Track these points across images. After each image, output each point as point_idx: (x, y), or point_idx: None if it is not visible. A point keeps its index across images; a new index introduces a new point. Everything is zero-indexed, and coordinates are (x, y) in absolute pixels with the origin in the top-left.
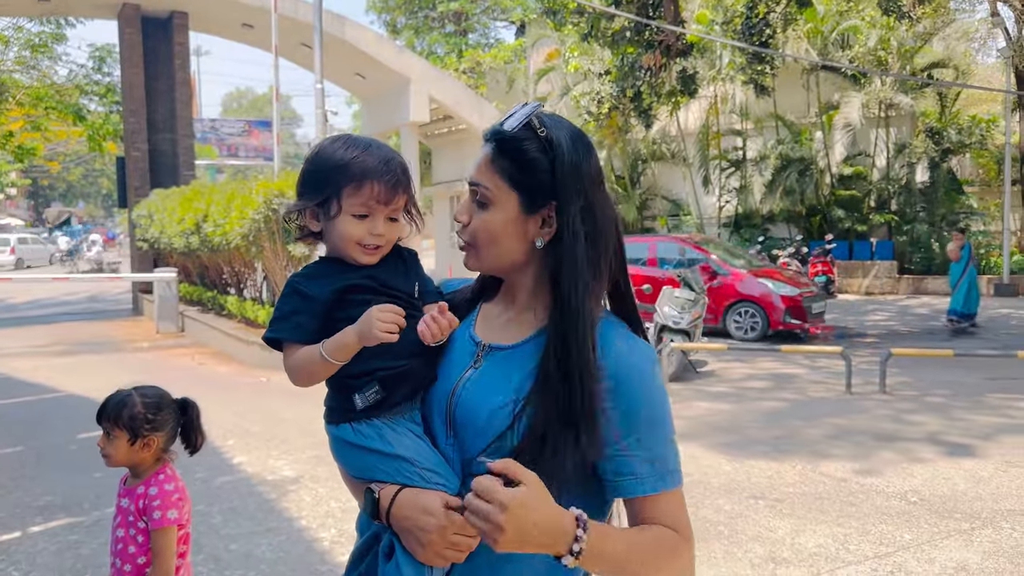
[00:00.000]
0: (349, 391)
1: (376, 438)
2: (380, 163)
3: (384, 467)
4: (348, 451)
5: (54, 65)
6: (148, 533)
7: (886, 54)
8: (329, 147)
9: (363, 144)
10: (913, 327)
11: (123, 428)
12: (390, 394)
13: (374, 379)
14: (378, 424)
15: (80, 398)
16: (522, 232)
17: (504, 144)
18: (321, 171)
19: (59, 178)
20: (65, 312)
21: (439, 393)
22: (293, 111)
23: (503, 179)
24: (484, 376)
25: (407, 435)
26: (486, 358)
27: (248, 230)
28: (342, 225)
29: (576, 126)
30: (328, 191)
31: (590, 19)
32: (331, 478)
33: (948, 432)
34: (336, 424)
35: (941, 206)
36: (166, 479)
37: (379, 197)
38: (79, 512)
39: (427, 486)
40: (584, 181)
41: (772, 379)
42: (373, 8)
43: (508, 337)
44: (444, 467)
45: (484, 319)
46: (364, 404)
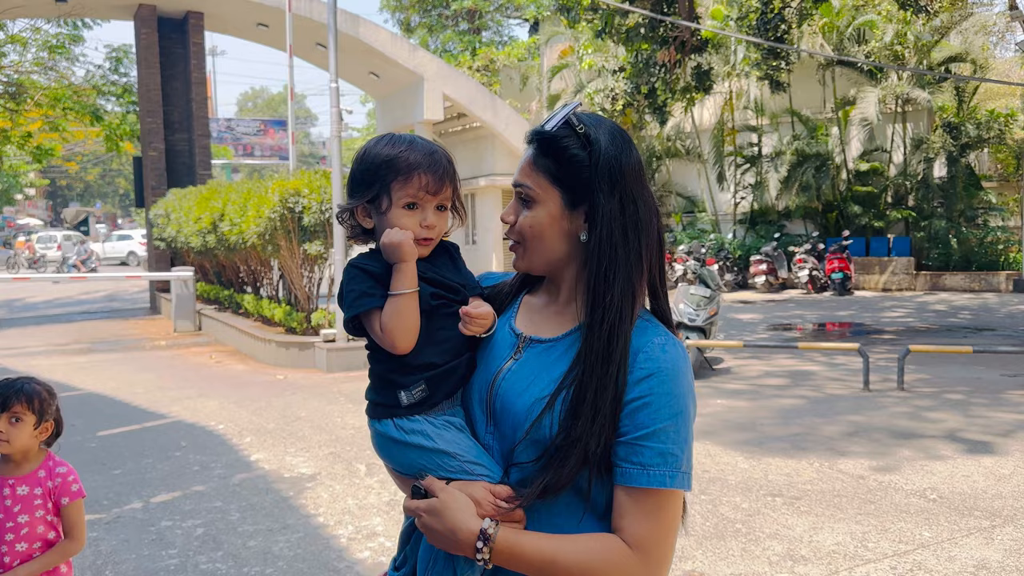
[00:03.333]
0: (395, 388)
1: (418, 434)
2: (425, 155)
3: (427, 462)
4: (391, 447)
5: (71, 66)
6: (57, 511)
7: (903, 49)
8: (375, 146)
9: (407, 140)
10: (931, 323)
11: (34, 412)
12: (434, 392)
13: (421, 378)
14: (420, 420)
15: (99, 396)
16: (566, 227)
17: (544, 143)
18: (369, 169)
19: (77, 178)
20: (83, 311)
21: (480, 383)
22: (308, 110)
23: (545, 177)
24: (524, 368)
25: (448, 429)
26: (526, 350)
27: (264, 229)
28: (394, 218)
29: (615, 123)
30: (377, 187)
31: (604, 16)
32: (348, 475)
33: (967, 429)
34: (379, 420)
35: (959, 202)
36: (60, 459)
37: (428, 187)
38: (99, 509)
39: (471, 478)
40: (624, 175)
41: (789, 376)
42: (387, 7)
43: (549, 330)
44: (486, 457)
45: (526, 311)
46: (409, 401)
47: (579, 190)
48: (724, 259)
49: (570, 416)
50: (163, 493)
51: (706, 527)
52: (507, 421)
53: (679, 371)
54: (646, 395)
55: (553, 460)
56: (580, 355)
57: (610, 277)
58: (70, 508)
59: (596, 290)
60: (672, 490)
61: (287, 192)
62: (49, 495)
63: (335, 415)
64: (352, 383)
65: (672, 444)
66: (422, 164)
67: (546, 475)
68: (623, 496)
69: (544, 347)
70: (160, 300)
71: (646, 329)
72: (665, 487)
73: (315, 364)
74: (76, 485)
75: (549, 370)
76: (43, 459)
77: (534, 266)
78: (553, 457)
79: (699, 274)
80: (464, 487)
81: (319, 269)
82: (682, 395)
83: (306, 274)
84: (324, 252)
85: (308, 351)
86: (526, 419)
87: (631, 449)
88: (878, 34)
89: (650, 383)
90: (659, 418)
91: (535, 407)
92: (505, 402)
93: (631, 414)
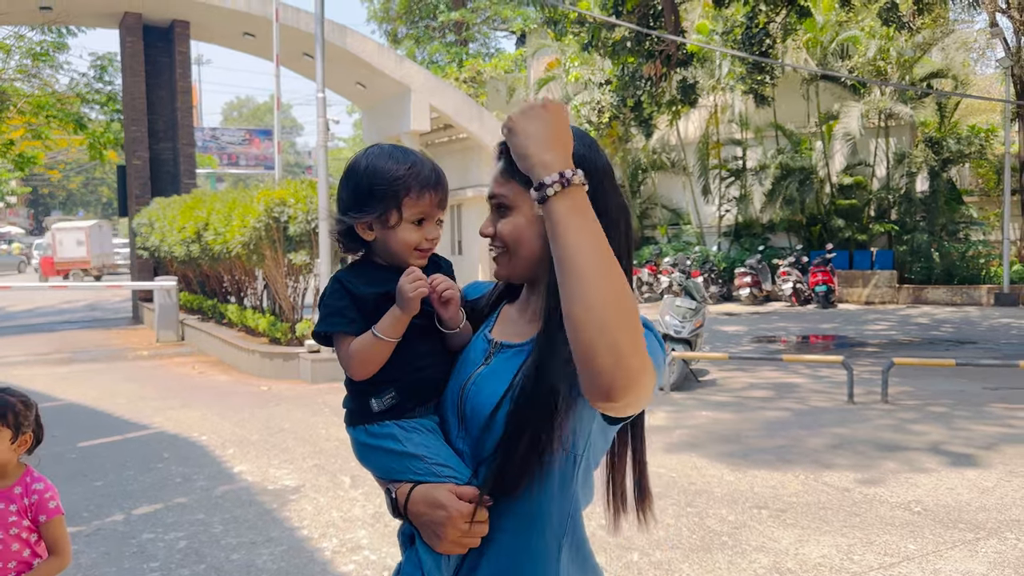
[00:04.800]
0: (367, 396)
1: (388, 438)
2: (432, 172)
3: (398, 465)
4: (365, 451)
5: (55, 74)
6: (35, 529)
7: (885, 64)
8: (377, 161)
9: (409, 157)
10: (914, 336)
11: (9, 426)
12: (405, 400)
13: (391, 386)
14: (390, 425)
15: (80, 407)
16: (541, 229)
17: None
18: (380, 185)
19: (59, 186)
20: (64, 320)
21: (452, 390)
22: (294, 120)
23: (517, 183)
24: (493, 372)
25: (418, 432)
26: (496, 355)
27: (249, 238)
28: (403, 233)
29: (580, 129)
30: (389, 203)
31: (591, 29)
32: (332, 487)
33: (951, 442)
34: (354, 426)
35: (941, 216)
36: (38, 475)
37: (437, 204)
38: (79, 521)
39: (439, 480)
40: (591, 175)
41: (773, 388)
42: (374, 18)
43: (519, 335)
44: (454, 460)
45: (502, 321)
46: (379, 408)
47: None
48: (709, 271)
49: (517, 403)
50: (145, 505)
51: (692, 540)
52: (475, 424)
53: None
54: None
55: (506, 448)
56: (535, 344)
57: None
58: (49, 526)
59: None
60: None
61: (272, 201)
62: (25, 512)
63: (319, 426)
64: (337, 394)
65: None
66: (430, 181)
67: (499, 463)
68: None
69: (514, 351)
70: (143, 309)
71: None
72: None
73: (299, 375)
74: (54, 502)
75: (513, 373)
76: (21, 474)
77: (516, 271)
78: (506, 444)
79: (685, 286)
80: (430, 489)
81: (304, 279)
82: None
83: (291, 284)
84: (309, 262)
85: (292, 362)
86: (490, 420)
87: None
88: (861, 50)
89: None
90: None
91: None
92: (474, 406)
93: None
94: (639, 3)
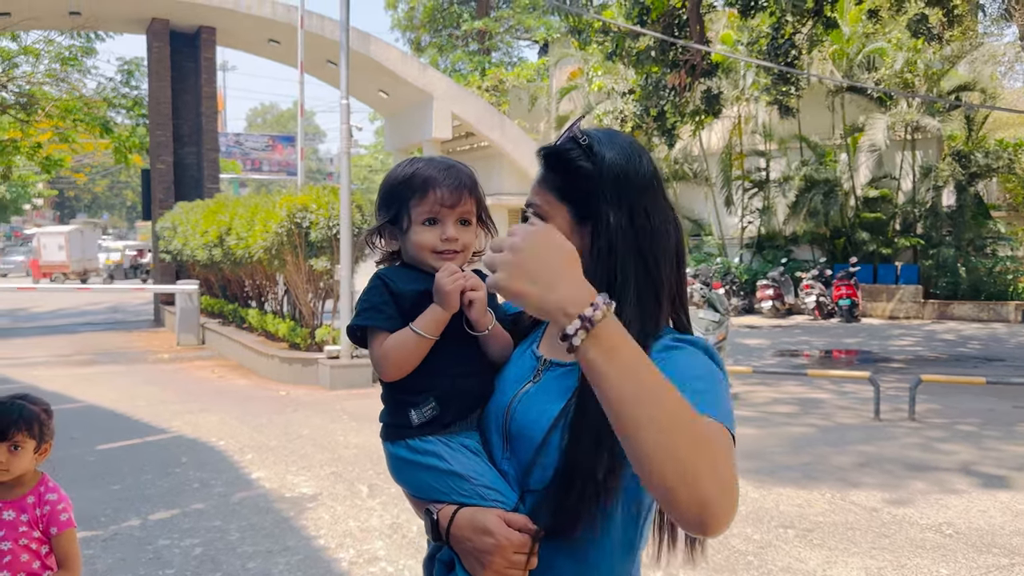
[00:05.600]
0: (405, 407)
1: (432, 455)
2: (441, 170)
3: (440, 485)
4: (405, 469)
5: (83, 78)
6: (46, 540)
7: (912, 76)
8: (395, 168)
9: (426, 159)
10: (940, 353)
11: (34, 437)
12: (445, 411)
13: (431, 396)
14: (433, 441)
15: (100, 409)
16: (576, 243)
17: (550, 159)
18: (389, 190)
19: (85, 189)
20: (87, 322)
21: (497, 407)
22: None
23: (552, 193)
24: (541, 391)
25: (463, 452)
26: (545, 373)
27: (271, 244)
28: (415, 235)
29: (630, 136)
30: (397, 206)
31: (615, 38)
32: (350, 496)
33: (981, 462)
34: (392, 441)
35: (968, 230)
36: (53, 484)
37: (443, 200)
38: (96, 526)
39: (485, 503)
40: (632, 186)
41: (798, 403)
42: (398, 26)
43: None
44: (501, 483)
45: (549, 336)
46: (420, 420)
47: (587, 203)
48: (730, 283)
49: (571, 440)
50: (162, 510)
51: (717, 559)
52: (522, 446)
53: (698, 350)
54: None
55: (559, 487)
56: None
57: (620, 292)
58: (60, 539)
59: None
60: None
61: (295, 207)
62: (36, 523)
63: (337, 433)
64: (355, 400)
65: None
66: (437, 178)
67: (552, 503)
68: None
69: (564, 371)
70: (164, 313)
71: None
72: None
73: (318, 381)
74: (66, 515)
75: (566, 395)
76: (35, 483)
77: None
78: (559, 484)
79: (708, 298)
80: (477, 513)
81: (324, 285)
82: (708, 362)
83: (311, 290)
84: (330, 268)
85: (311, 367)
86: (539, 444)
87: None
88: (888, 61)
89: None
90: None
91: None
92: (521, 426)
93: None
94: (664, 13)
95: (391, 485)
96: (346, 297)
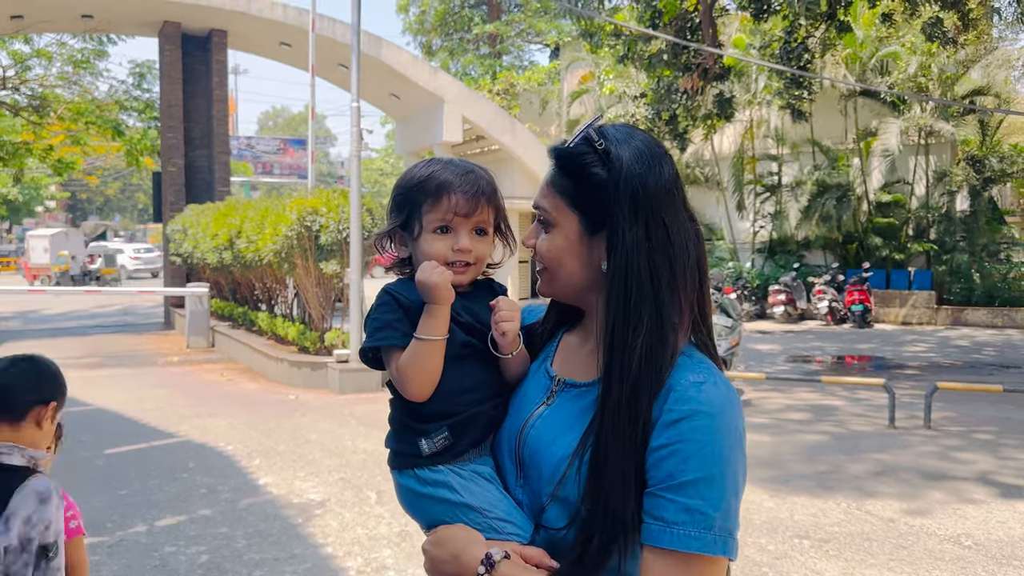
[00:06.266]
0: (415, 435)
1: (443, 486)
2: (458, 175)
3: (452, 518)
4: (414, 500)
5: (95, 81)
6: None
7: (926, 81)
8: (411, 169)
9: (444, 161)
10: (954, 359)
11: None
12: (458, 440)
13: (443, 424)
14: (444, 471)
15: (108, 412)
16: (586, 255)
17: (562, 162)
18: (402, 192)
19: (97, 192)
20: (97, 324)
21: (509, 430)
22: (327, 130)
23: (562, 199)
24: (556, 414)
25: (475, 480)
26: (560, 395)
27: (281, 247)
28: (425, 243)
29: (650, 136)
30: (408, 210)
31: (627, 41)
32: (358, 503)
33: (999, 472)
34: (400, 471)
35: (982, 236)
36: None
37: (457, 208)
38: (102, 531)
39: (500, 537)
40: (650, 196)
41: (811, 410)
42: (409, 30)
43: (584, 372)
44: (516, 513)
45: (563, 351)
46: (431, 450)
47: (599, 213)
48: (742, 288)
49: (593, 479)
50: (168, 516)
51: (732, 570)
52: (535, 474)
53: (718, 414)
54: (675, 441)
55: (582, 531)
56: (599, 407)
57: (634, 312)
58: (68, 546)
59: (615, 328)
60: (699, 555)
61: (305, 210)
62: None
63: (346, 438)
64: (364, 405)
65: (702, 500)
66: (453, 184)
67: (576, 544)
68: (648, 556)
69: (578, 392)
70: (174, 315)
71: (683, 365)
72: (688, 550)
73: (327, 385)
74: (75, 522)
75: (581, 418)
76: None
77: (557, 293)
78: (582, 527)
79: (720, 303)
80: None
81: (334, 288)
82: (720, 443)
83: (321, 293)
84: (340, 272)
85: (321, 371)
86: (553, 475)
87: (655, 502)
88: (901, 66)
89: (680, 428)
90: (688, 469)
91: (562, 463)
92: (534, 452)
93: (657, 463)
94: (676, 16)
95: None
96: (356, 300)
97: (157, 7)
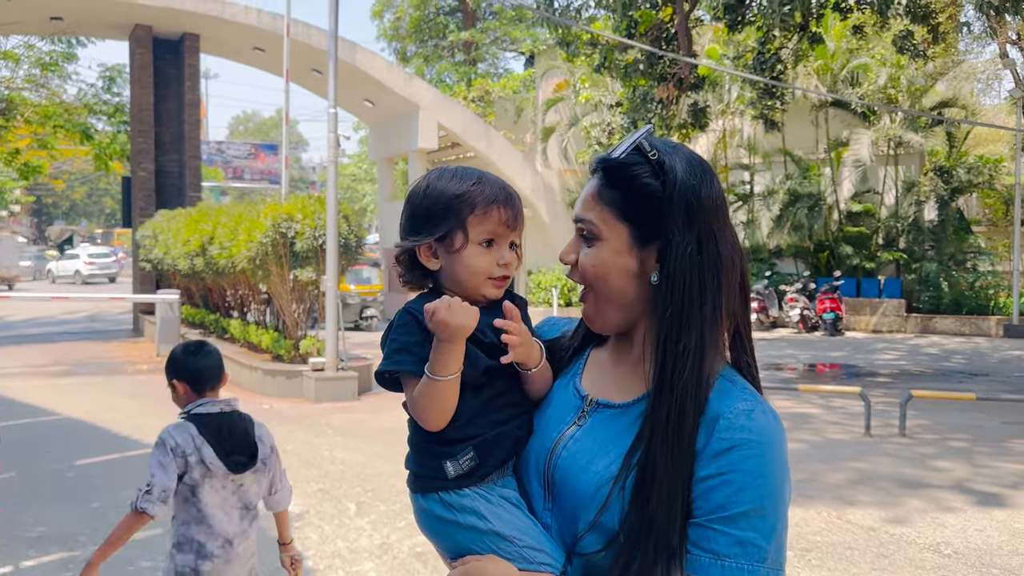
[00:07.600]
0: (439, 457)
1: (470, 512)
2: (500, 189)
3: (480, 547)
4: (438, 525)
5: (63, 84)
6: None
7: (896, 92)
8: (438, 181)
9: (476, 174)
10: (925, 367)
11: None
12: (484, 460)
13: (468, 444)
14: (471, 494)
15: (78, 422)
16: (634, 267)
17: (611, 173)
18: (439, 204)
19: (63, 196)
20: (64, 331)
21: (537, 451)
22: (299, 135)
23: (611, 211)
24: (588, 436)
25: (503, 506)
26: (592, 415)
27: (255, 253)
28: (469, 257)
29: (693, 151)
30: (451, 223)
31: (603, 51)
32: (337, 515)
33: (975, 480)
34: (423, 494)
35: (950, 245)
36: None
37: (508, 222)
38: (74, 546)
39: (531, 568)
40: (703, 208)
41: (787, 419)
42: (384, 36)
43: (619, 392)
44: (548, 542)
45: (593, 369)
46: (457, 472)
47: (650, 225)
48: None
49: (638, 500)
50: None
51: None
52: (568, 499)
53: (769, 443)
54: (726, 471)
55: (622, 554)
56: (647, 424)
57: (684, 327)
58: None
59: (667, 342)
60: None
61: (280, 217)
62: None
63: (323, 448)
64: (341, 414)
65: (755, 533)
66: (499, 198)
67: (614, 573)
68: None
69: (613, 413)
70: (144, 322)
71: (728, 391)
72: None
73: (303, 393)
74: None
75: (617, 442)
76: None
77: (604, 316)
78: (622, 549)
79: None
80: None
81: (310, 296)
82: (772, 474)
83: (296, 300)
84: (316, 279)
85: (296, 380)
86: (591, 501)
87: (703, 533)
88: (872, 77)
89: (731, 457)
90: (741, 500)
91: (602, 488)
92: (566, 476)
93: (705, 493)
94: (652, 26)
95: (380, 503)
96: (332, 308)
97: (128, 11)
